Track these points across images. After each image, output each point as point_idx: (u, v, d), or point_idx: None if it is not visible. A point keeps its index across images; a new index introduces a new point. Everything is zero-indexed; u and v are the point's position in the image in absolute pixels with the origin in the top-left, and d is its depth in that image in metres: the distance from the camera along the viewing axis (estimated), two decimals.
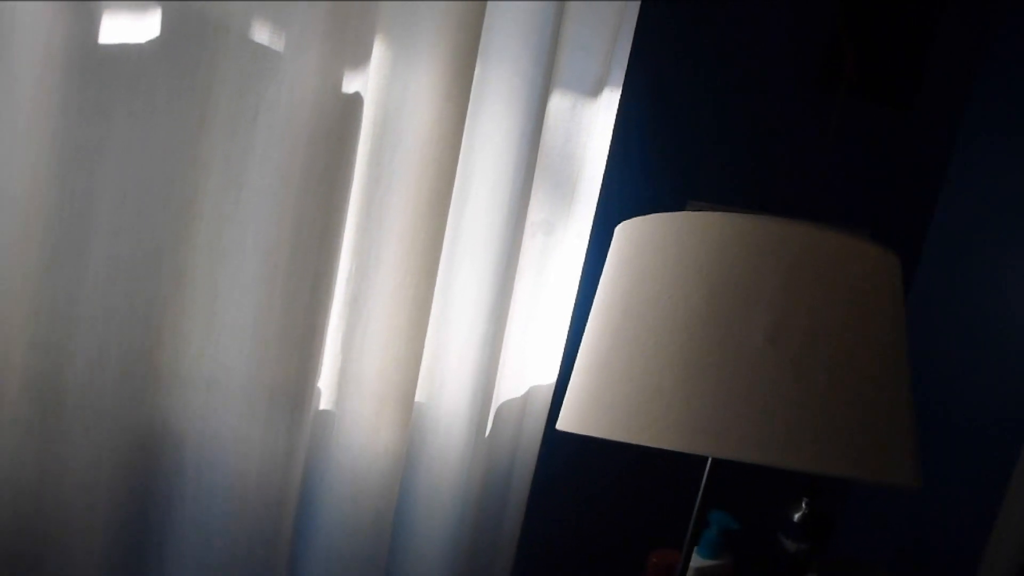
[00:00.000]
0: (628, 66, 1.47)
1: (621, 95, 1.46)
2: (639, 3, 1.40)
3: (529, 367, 1.43)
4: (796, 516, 1.44)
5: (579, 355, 1.16)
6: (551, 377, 1.44)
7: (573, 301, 1.45)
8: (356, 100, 1.14)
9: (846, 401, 0.96)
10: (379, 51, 1.21)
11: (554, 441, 1.55)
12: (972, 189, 1.53)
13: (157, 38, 1.06)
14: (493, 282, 1.31)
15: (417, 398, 1.35)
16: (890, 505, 1.56)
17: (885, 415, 0.99)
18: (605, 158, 1.43)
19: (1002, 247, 1.42)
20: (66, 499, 1.09)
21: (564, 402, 1.15)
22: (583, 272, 1.50)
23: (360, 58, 1.13)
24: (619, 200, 1.51)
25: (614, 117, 1.42)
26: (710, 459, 1.22)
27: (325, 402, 1.27)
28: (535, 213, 1.39)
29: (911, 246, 1.63)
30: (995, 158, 1.49)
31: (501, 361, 1.41)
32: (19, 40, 0.97)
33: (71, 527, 1.10)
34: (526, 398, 1.43)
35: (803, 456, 0.93)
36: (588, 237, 1.46)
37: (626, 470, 1.58)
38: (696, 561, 1.36)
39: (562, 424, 1.12)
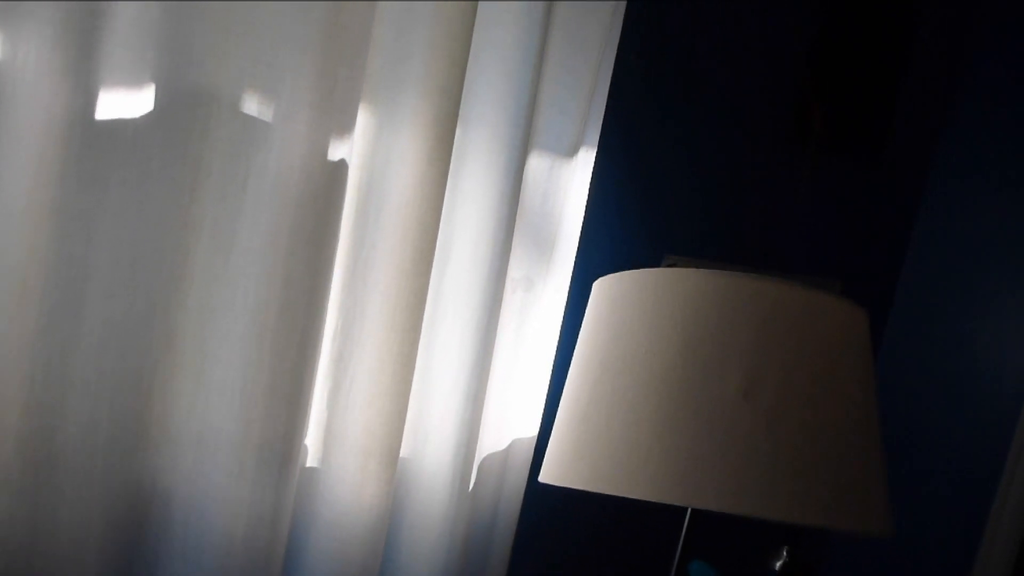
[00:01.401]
0: (603, 125, 1.50)
1: (597, 154, 1.50)
2: (612, 64, 1.44)
3: (511, 420, 1.44)
4: (777, 565, 1.44)
5: (560, 408, 1.17)
6: (533, 430, 1.45)
7: (553, 355, 1.47)
8: (342, 165, 1.17)
9: (818, 452, 0.98)
10: (363, 118, 1.24)
11: (536, 493, 1.55)
12: (939, 240, 1.56)
13: (151, 111, 1.09)
14: (475, 337, 1.33)
15: (401, 453, 1.36)
16: (870, 554, 1.56)
17: (857, 466, 1.01)
18: (582, 215, 1.46)
19: (970, 298, 1.44)
20: (57, 557, 1.10)
21: (546, 455, 1.16)
22: (563, 327, 1.52)
23: (345, 125, 1.17)
24: (597, 256, 1.53)
25: (590, 175, 1.46)
26: (689, 509, 1.23)
27: (311, 459, 1.28)
28: (515, 270, 1.42)
29: (882, 297, 1.65)
30: (961, 210, 1.51)
31: (483, 415, 1.42)
32: (22, 114, 1.00)
33: None
34: (508, 451, 1.44)
35: (778, 506, 0.95)
36: (567, 292, 1.48)
37: (607, 521, 1.58)
38: None
39: (544, 476, 1.13)
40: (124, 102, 1.07)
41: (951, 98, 1.62)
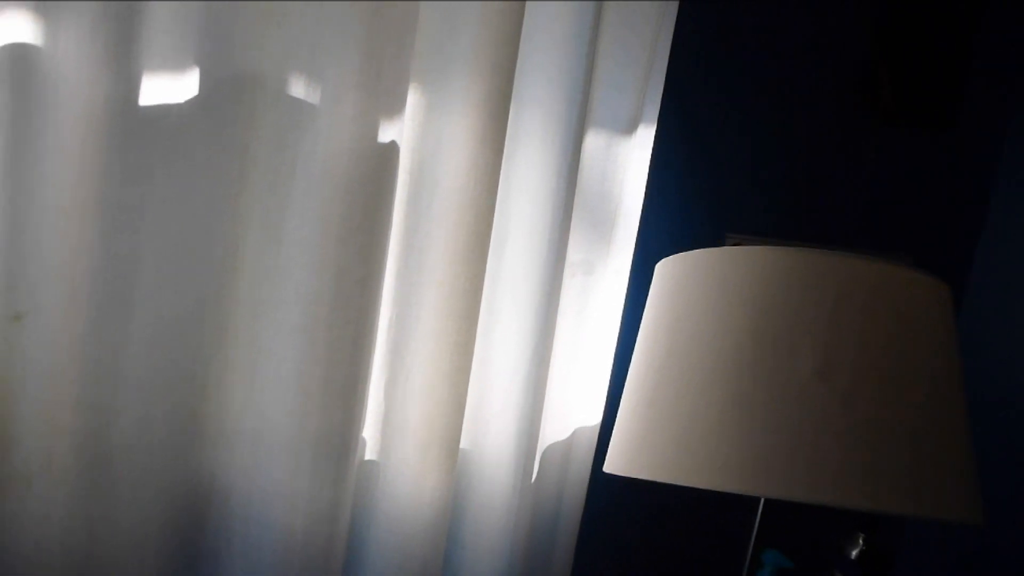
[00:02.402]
0: (661, 102, 1.47)
1: (655, 131, 1.47)
2: (670, 39, 1.40)
3: (573, 409, 1.42)
4: (853, 552, 1.41)
5: (624, 395, 1.15)
6: (596, 418, 1.43)
7: (615, 340, 1.44)
8: (392, 148, 1.15)
9: (899, 435, 0.94)
10: (413, 99, 1.22)
11: (601, 483, 1.53)
12: (1018, 213, 1.50)
13: (195, 97, 1.08)
14: (534, 324, 1.31)
15: (462, 444, 1.35)
16: (952, 539, 1.52)
17: (941, 448, 0.97)
18: (642, 195, 1.42)
19: None
20: (115, 557, 1.09)
21: (610, 444, 1.14)
22: (624, 310, 1.49)
23: (395, 106, 1.14)
24: (657, 237, 1.50)
25: (649, 154, 1.42)
26: (763, 499, 1.20)
27: (369, 452, 1.26)
28: (574, 253, 1.39)
29: (956, 274, 1.60)
30: None
31: (545, 404, 1.40)
32: (63, 106, 0.99)
33: None
34: (571, 440, 1.42)
35: (856, 494, 0.91)
36: (628, 275, 1.45)
37: (676, 511, 1.56)
38: None
39: (609, 467, 1.11)
40: (167, 90, 1.05)
41: None
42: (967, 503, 0.98)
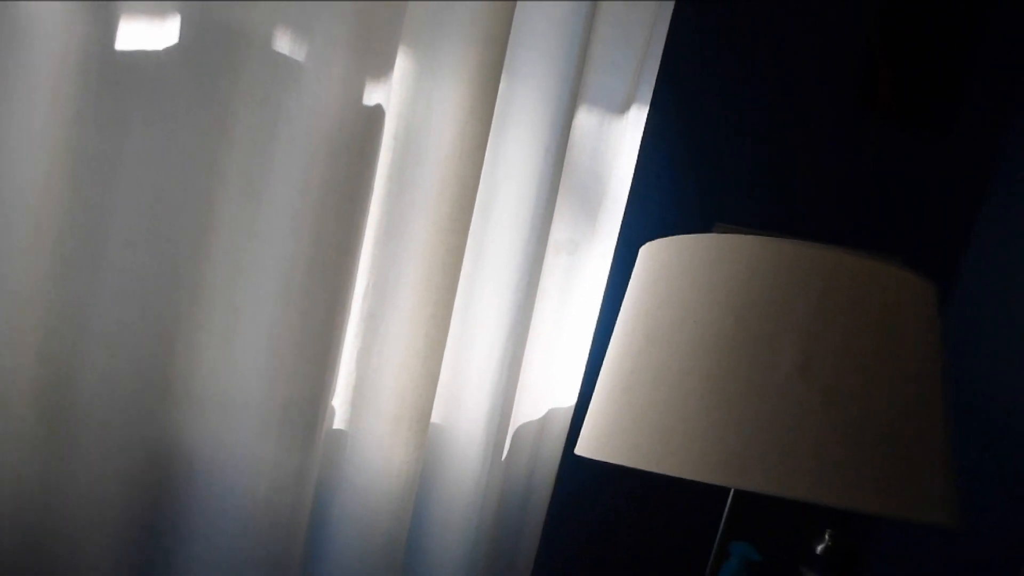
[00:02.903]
0: (656, 84, 1.45)
1: (649, 113, 1.45)
2: (668, 21, 1.38)
3: (548, 389, 1.41)
4: (819, 548, 1.41)
5: (600, 378, 1.14)
6: (571, 400, 1.42)
7: (596, 322, 1.43)
8: (378, 112, 1.12)
9: (877, 434, 0.93)
10: (403, 63, 1.19)
11: (572, 466, 1.52)
12: (1008, 219, 1.50)
13: (176, 45, 1.05)
14: (514, 301, 1.29)
15: (433, 419, 1.33)
16: (921, 537, 1.52)
17: (919, 449, 0.96)
18: (631, 177, 1.41)
19: None
20: (72, 514, 1.07)
21: (584, 426, 1.13)
22: (606, 293, 1.48)
23: (383, 70, 1.12)
24: (644, 220, 1.48)
25: (641, 136, 1.40)
26: (733, 490, 1.19)
27: (339, 421, 1.25)
28: (559, 231, 1.37)
29: (945, 273, 1.60)
30: None
31: (520, 382, 1.39)
32: (36, 46, 0.96)
33: (76, 543, 1.08)
34: (544, 421, 1.41)
35: (830, 491, 0.90)
36: (612, 257, 1.43)
37: (646, 497, 1.56)
38: None
39: (581, 449, 1.10)
40: (146, 36, 1.02)
41: None
42: (942, 505, 0.97)
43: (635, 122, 1.39)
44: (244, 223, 1.14)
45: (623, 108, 1.37)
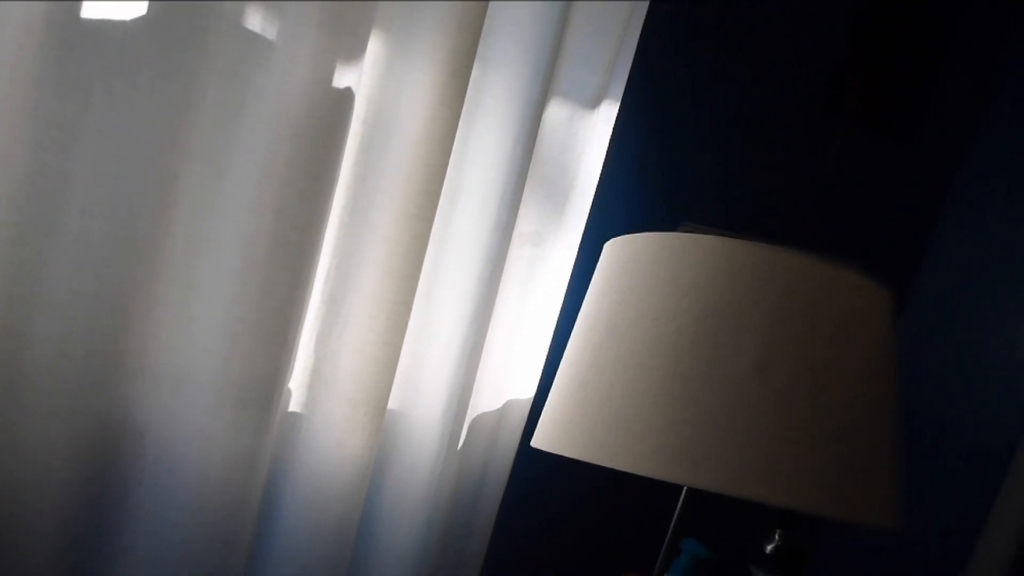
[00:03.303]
0: (628, 81, 1.45)
1: (619, 109, 1.45)
2: (643, 18, 1.38)
3: (507, 380, 1.41)
4: (769, 548, 1.42)
5: (559, 372, 1.14)
6: (529, 392, 1.42)
7: (557, 315, 1.43)
8: (347, 95, 1.11)
9: (829, 437, 0.94)
10: (375, 46, 1.19)
11: (528, 458, 1.53)
12: (967, 227, 1.53)
13: (143, 16, 1.03)
14: (476, 291, 1.29)
15: (390, 405, 1.33)
16: (867, 539, 1.55)
17: (868, 454, 0.97)
18: (599, 172, 1.41)
19: (994, 286, 1.41)
20: (18, 486, 1.06)
21: (540, 419, 1.13)
22: (569, 287, 1.49)
23: (355, 52, 1.11)
24: (610, 216, 1.49)
25: (611, 131, 1.40)
26: (685, 487, 1.20)
27: (295, 403, 1.24)
28: (524, 223, 1.37)
29: (902, 280, 1.63)
30: (992, 197, 1.48)
31: (479, 373, 1.39)
32: None
33: (21, 515, 1.07)
34: (502, 412, 1.41)
35: (780, 491, 0.91)
36: (577, 251, 1.43)
37: (599, 492, 1.57)
38: None
39: (537, 442, 1.10)
40: (113, 3, 1.01)
41: (990, 82, 1.58)
42: (888, 509, 0.99)
43: (606, 117, 1.39)
44: (206, 198, 1.12)
45: (594, 103, 1.37)
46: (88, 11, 0.99)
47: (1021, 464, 1.24)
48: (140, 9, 1.02)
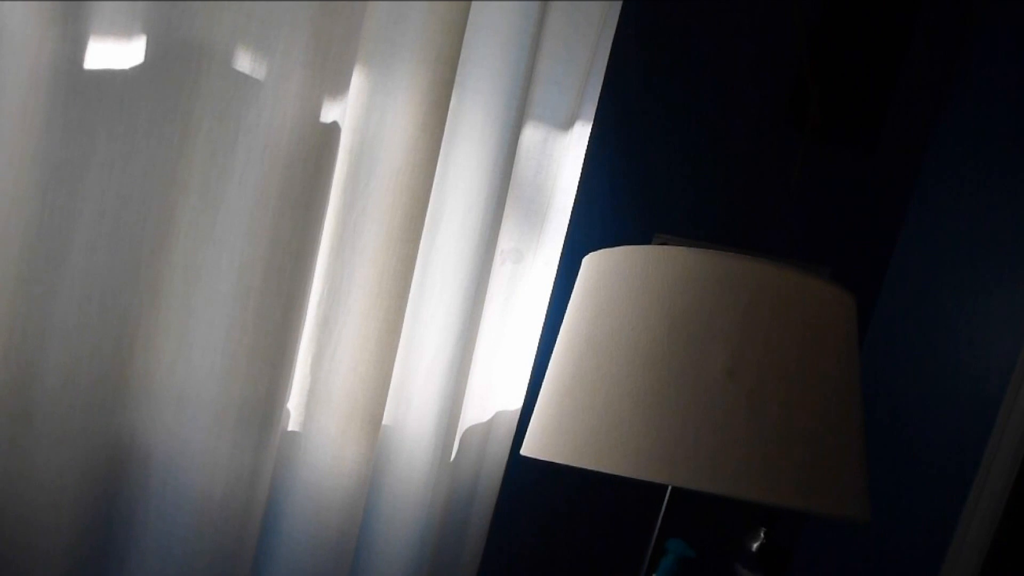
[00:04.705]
0: (599, 102, 1.49)
1: (592, 129, 1.49)
2: (611, 41, 1.43)
3: (495, 393, 1.44)
4: (753, 546, 1.44)
5: (544, 382, 1.17)
6: (517, 403, 1.45)
7: (540, 328, 1.46)
8: (334, 128, 1.16)
9: (798, 435, 0.98)
10: (358, 81, 1.23)
11: (518, 466, 1.56)
12: (930, 231, 1.55)
13: (141, 63, 1.08)
14: (462, 307, 1.33)
15: (383, 421, 1.36)
16: (846, 538, 1.57)
17: (836, 450, 1.01)
18: (575, 190, 1.45)
19: (957, 290, 1.44)
20: (30, 510, 1.09)
21: (529, 428, 1.16)
22: (551, 300, 1.52)
23: (339, 87, 1.15)
24: (587, 231, 1.53)
25: (584, 150, 1.44)
26: (670, 488, 1.23)
27: (293, 422, 1.27)
28: (505, 241, 1.41)
29: (870, 285, 1.66)
30: (953, 201, 1.51)
31: (468, 386, 1.42)
32: (6, 61, 0.99)
33: (34, 537, 1.10)
34: (491, 423, 1.44)
35: (755, 487, 0.95)
36: (557, 266, 1.47)
37: (588, 496, 1.59)
38: None
39: (526, 450, 1.13)
40: (113, 53, 1.05)
41: (947, 89, 1.61)
42: (857, 502, 1.02)
43: (579, 137, 1.43)
44: (203, 229, 1.16)
45: (567, 124, 1.41)
46: (90, 61, 1.03)
47: (991, 459, 1.26)
48: (138, 56, 1.07)
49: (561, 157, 1.42)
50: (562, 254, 1.52)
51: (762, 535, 1.44)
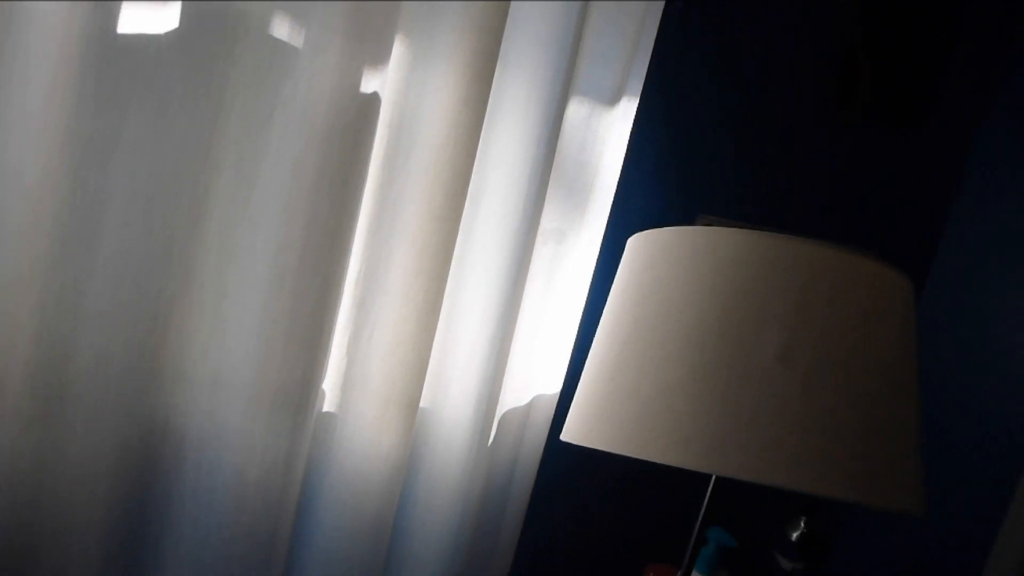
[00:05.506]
0: (646, 78, 1.46)
1: (638, 106, 1.46)
2: (659, 16, 1.39)
3: (534, 376, 1.42)
4: (793, 535, 1.43)
5: (586, 366, 1.15)
6: (556, 387, 1.43)
7: (582, 311, 1.44)
8: (373, 100, 1.13)
9: (853, 424, 0.95)
10: (398, 52, 1.20)
11: (556, 451, 1.54)
12: (982, 212, 1.52)
13: (175, 31, 1.05)
14: (502, 289, 1.31)
15: (421, 403, 1.35)
16: (888, 526, 1.55)
17: (892, 440, 0.98)
18: (619, 168, 1.42)
19: (1009, 271, 1.41)
20: (65, 492, 1.08)
21: (569, 413, 1.14)
22: (593, 282, 1.50)
23: (379, 58, 1.12)
24: (630, 211, 1.50)
25: (630, 127, 1.41)
26: (714, 477, 1.21)
27: (328, 404, 1.26)
28: (547, 221, 1.39)
29: (919, 268, 1.63)
30: (1005, 182, 1.48)
31: (507, 369, 1.40)
32: (36, 30, 0.96)
33: (69, 520, 1.09)
34: (530, 407, 1.42)
35: (807, 479, 0.92)
36: (599, 247, 1.45)
37: (627, 483, 1.58)
38: None
39: (566, 435, 1.11)
40: (146, 21, 1.03)
41: (1000, 72, 1.58)
42: (912, 494, 0.99)
43: (624, 114, 1.40)
44: (238, 207, 1.14)
45: (613, 100, 1.38)
46: (123, 28, 1.01)
47: None
48: (172, 23, 1.04)
49: (606, 134, 1.39)
50: (605, 234, 1.49)
51: (802, 524, 1.43)
